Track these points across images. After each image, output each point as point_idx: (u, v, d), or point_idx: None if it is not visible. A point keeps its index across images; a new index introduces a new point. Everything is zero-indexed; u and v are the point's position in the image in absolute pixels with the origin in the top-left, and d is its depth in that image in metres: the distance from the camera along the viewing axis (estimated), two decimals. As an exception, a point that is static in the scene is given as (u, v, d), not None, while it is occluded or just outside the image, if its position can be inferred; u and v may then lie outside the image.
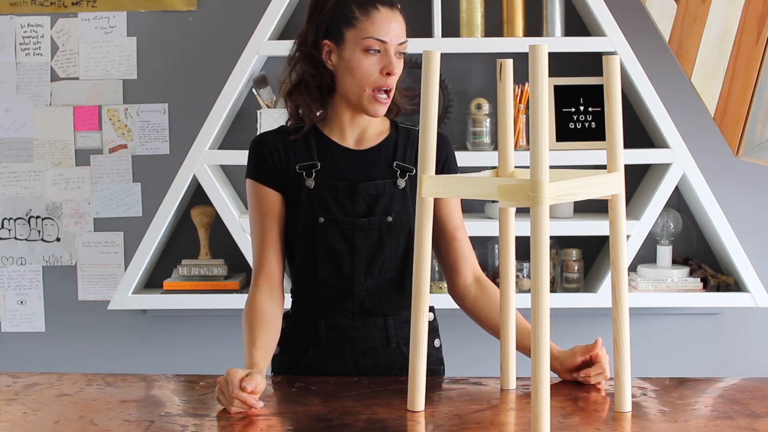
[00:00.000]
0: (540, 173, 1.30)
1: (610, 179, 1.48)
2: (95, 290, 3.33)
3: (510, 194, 1.35)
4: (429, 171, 1.48)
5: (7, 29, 3.28)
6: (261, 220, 1.94)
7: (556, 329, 3.29)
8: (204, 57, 3.27)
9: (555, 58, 3.18)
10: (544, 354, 1.36)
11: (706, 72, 2.95)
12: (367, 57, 1.83)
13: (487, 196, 1.39)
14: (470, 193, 1.43)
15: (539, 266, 1.34)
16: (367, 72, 1.84)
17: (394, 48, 1.84)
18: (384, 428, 1.57)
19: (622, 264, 1.51)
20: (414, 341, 1.60)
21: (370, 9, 1.83)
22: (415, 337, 1.59)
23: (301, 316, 1.97)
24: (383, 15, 1.83)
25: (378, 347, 1.96)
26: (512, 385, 1.78)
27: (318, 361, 1.96)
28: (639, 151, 3.05)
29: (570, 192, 1.39)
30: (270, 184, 1.93)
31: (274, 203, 1.93)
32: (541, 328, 1.35)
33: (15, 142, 3.31)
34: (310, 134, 1.94)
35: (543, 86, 1.32)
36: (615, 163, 1.49)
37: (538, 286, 1.35)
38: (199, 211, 3.18)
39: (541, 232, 1.33)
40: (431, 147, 1.49)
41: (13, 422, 1.63)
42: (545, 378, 1.38)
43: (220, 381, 1.68)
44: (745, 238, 3.19)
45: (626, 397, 1.60)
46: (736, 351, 3.32)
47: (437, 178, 1.48)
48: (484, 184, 1.39)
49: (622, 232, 1.50)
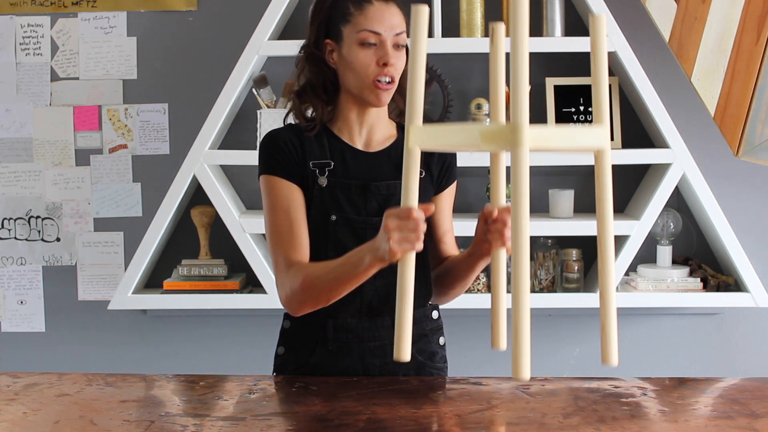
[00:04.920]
0: (519, 116, 1.29)
1: (594, 130, 1.45)
2: (95, 290, 3.33)
3: (491, 138, 1.34)
4: (416, 122, 1.48)
5: (7, 29, 3.28)
6: (285, 215, 1.90)
7: (556, 329, 3.31)
8: (204, 57, 3.27)
9: (555, 58, 3.19)
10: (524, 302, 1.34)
11: (706, 72, 2.95)
12: (363, 50, 1.86)
13: (470, 142, 1.38)
14: (455, 140, 1.42)
15: (519, 208, 1.32)
16: (364, 64, 1.86)
17: (390, 39, 1.86)
18: (384, 428, 1.57)
19: (607, 216, 1.47)
20: (401, 288, 1.54)
21: (363, 3, 1.87)
22: (402, 284, 1.54)
23: (309, 317, 1.96)
24: (376, 8, 1.87)
25: (386, 346, 1.96)
26: (503, 346, 1.70)
27: (326, 361, 1.95)
28: (639, 151, 3.05)
29: (551, 138, 1.37)
30: (290, 177, 1.91)
31: (297, 196, 1.91)
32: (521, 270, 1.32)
33: (15, 142, 3.31)
34: (322, 134, 1.95)
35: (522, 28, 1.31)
36: (600, 116, 1.47)
37: (518, 230, 1.33)
38: (199, 211, 3.18)
39: (521, 175, 1.32)
40: (419, 98, 1.48)
41: (13, 422, 1.63)
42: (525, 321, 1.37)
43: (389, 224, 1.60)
44: (745, 238, 3.19)
45: (612, 351, 1.55)
46: (736, 351, 3.32)
47: (424, 129, 1.47)
48: (468, 131, 1.38)
49: (608, 187, 1.46)
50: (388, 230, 1.60)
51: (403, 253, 1.55)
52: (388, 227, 1.60)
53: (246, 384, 1.86)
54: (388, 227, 1.60)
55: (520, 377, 1.31)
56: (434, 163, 2.00)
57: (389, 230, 1.60)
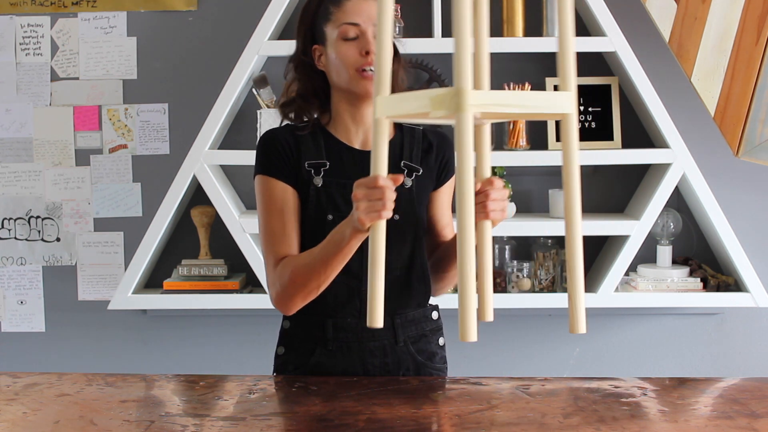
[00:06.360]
0: (462, 80, 1.28)
1: (557, 96, 1.43)
2: (95, 290, 3.34)
3: (439, 103, 1.33)
4: (383, 93, 1.48)
5: (7, 29, 3.28)
6: (278, 216, 1.91)
7: (556, 329, 3.31)
8: (204, 57, 3.27)
9: (555, 58, 3.18)
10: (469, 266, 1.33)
11: (706, 72, 2.95)
12: (345, 44, 1.89)
13: (422, 107, 1.37)
14: (411, 107, 1.41)
15: (464, 173, 1.30)
16: (347, 56, 1.89)
17: (370, 29, 1.89)
18: (384, 428, 1.57)
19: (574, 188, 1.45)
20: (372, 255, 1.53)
21: (342, 1, 1.90)
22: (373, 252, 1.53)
23: (308, 317, 1.96)
24: (354, 2, 1.90)
25: (385, 346, 1.96)
26: (490, 317, 1.67)
27: (326, 361, 1.96)
28: (639, 151, 3.05)
29: (500, 103, 1.34)
30: (284, 178, 1.93)
31: (291, 198, 1.92)
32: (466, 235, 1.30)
33: (15, 142, 3.31)
34: (318, 133, 1.96)
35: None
36: (566, 82, 1.44)
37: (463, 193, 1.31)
38: (199, 211, 3.18)
39: (465, 140, 1.29)
40: (386, 70, 1.48)
41: (13, 422, 1.63)
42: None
43: (357, 194, 1.62)
44: (745, 238, 3.19)
45: (580, 318, 1.54)
46: (736, 351, 3.32)
47: (387, 99, 1.47)
48: (420, 96, 1.38)
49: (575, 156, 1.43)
50: (356, 200, 1.63)
51: (372, 221, 1.58)
52: (356, 197, 1.63)
53: (246, 384, 1.86)
54: (356, 197, 1.63)
55: (467, 340, 1.31)
56: (433, 158, 2.00)
57: (357, 200, 1.63)
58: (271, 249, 1.91)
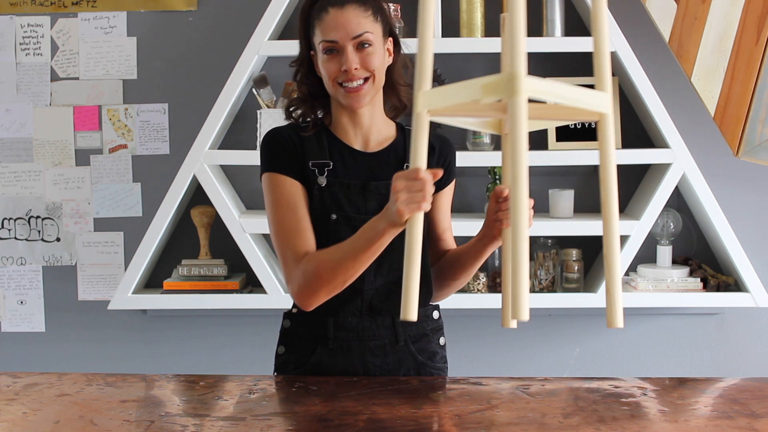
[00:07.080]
0: (517, 65, 1.29)
1: (597, 95, 1.43)
2: (95, 290, 3.33)
3: (492, 89, 1.33)
4: (424, 88, 1.49)
5: (7, 29, 3.28)
6: (291, 212, 1.90)
7: (556, 329, 3.31)
8: (204, 57, 3.27)
9: (555, 58, 3.19)
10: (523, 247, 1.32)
11: (706, 72, 2.95)
12: (328, 59, 1.90)
13: (473, 95, 1.38)
14: (460, 96, 1.42)
15: (519, 157, 1.30)
16: (329, 72, 1.90)
17: (350, 44, 1.88)
18: (384, 428, 1.57)
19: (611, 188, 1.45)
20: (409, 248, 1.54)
21: (322, 14, 1.90)
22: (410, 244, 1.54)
23: (309, 316, 1.96)
24: (331, 16, 1.88)
25: (386, 345, 1.97)
26: (513, 324, 1.69)
27: (326, 360, 1.96)
28: (639, 151, 3.05)
29: (549, 92, 1.36)
30: (293, 174, 1.93)
31: (301, 193, 1.92)
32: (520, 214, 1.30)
33: (15, 142, 3.31)
34: (321, 134, 1.97)
35: None
36: (603, 83, 1.45)
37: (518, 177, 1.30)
38: (199, 211, 3.18)
39: (520, 123, 1.30)
40: (428, 66, 1.49)
41: (13, 422, 1.63)
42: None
43: (397, 185, 1.62)
44: (745, 238, 3.19)
45: (617, 313, 1.54)
46: (736, 351, 3.32)
47: (431, 92, 1.48)
48: (470, 85, 1.38)
49: (612, 155, 1.44)
50: (396, 191, 1.62)
51: (411, 212, 1.58)
52: (396, 188, 1.62)
53: (246, 384, 1.86)
54: (396, 188, 1.62)
55: (520, 318, 1.32)
56: (434, 162, 2.01)
57: (397, 191, 1.62)
58: (288, 245, 1.89)
